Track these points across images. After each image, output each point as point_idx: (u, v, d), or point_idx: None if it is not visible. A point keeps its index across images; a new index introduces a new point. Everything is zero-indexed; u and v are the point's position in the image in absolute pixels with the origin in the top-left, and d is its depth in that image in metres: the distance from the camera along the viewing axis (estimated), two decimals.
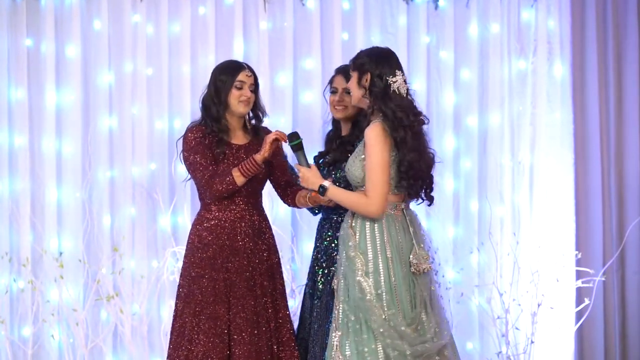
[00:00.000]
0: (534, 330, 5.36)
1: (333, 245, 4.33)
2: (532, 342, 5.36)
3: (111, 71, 5.38)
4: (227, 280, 4.20)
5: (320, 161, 4.48)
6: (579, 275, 5.45)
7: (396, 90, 3.92)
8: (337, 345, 3.92)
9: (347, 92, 4.29)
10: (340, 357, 3.91)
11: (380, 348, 3.87)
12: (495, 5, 5.51)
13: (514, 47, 5.53)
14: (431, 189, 4.06)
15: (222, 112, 4.22)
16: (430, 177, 4.03)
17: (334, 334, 3.96)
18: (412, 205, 4.12)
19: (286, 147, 4.25)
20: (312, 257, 4.47)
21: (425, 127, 4.00)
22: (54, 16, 5.33)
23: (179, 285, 4.31)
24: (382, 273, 3.90)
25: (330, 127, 4.58)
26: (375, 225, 3.94)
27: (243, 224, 4.25)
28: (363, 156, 3.93)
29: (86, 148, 5.34)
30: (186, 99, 5.38)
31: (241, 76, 4.21)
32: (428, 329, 3.93)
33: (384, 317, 3.85)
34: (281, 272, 4.39)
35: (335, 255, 4.27)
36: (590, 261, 5.50)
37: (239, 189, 4.19)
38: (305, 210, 4.73)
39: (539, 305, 5.35)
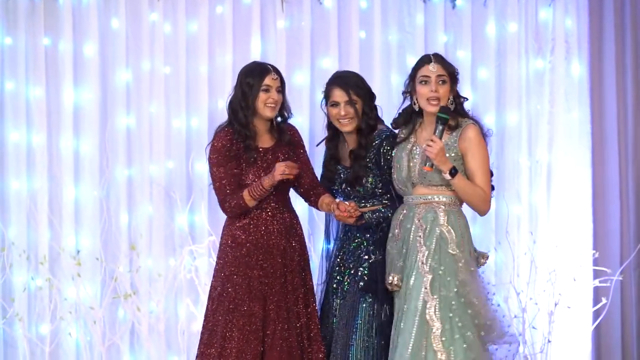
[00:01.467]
0: (551, 330, 5.36)
1: (362, 247, 4.34)
2: (549, 341, 5.36)
3: (129, 70, 5.39)
4: (262, 278, 4.23)
5: (342, 176, 4.40)
6: (596, 274, 5.45)
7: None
8: (441, 340, 3.94)
9: (352, 103, 4.26)
10: (443, 350, 3.94)
11: (481, 343, 3.98)
12: (512, 4, 5.50)
13: (532, 46, 5.53)
14: None
15: (250, 117, 4.22)
16: None
17: (430, 331, 3.97)
18: None
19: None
20: (336, 257, 4.45)
21: None
22: (72, 15, 5.33)
23: (211, 287, 4.33)
24: (477, 270, 4.07)
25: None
26: (464, 221, 4.12)
27: (275, 221, 4.27)
28: (459, 155, 4.04)
29: (104, 146, 5.34)
30: (203, 98, 5.38)
31: (267, 80, 4.21)
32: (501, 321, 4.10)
33: (486, 313, 3.99)
34: (310, 268, 4.41)
35: (364, 255, 4.28)
36: (608, 260, 5.49)
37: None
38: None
39: (556, 305, 5.35)
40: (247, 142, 4.22)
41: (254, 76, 4.22)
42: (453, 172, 3.98)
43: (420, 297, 3.99)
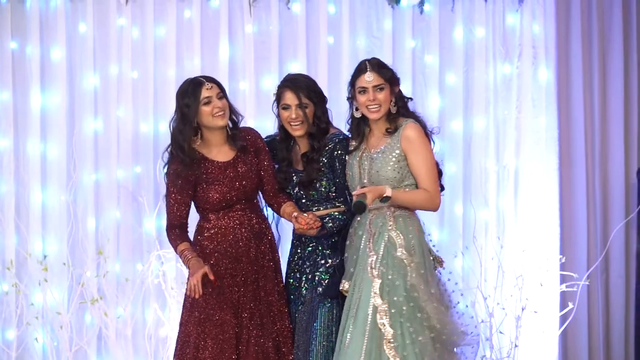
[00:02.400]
0: (518, 334, 5.37)
1: (317, 251, 4.34)
2: (516, 346, 5.37)
3: (96, 74, 5.39)
4: (232, 287, 4.22)
5: (294, 178, 4.39)
6: (563, 279, 5.46)
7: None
8: (392, 345, 3.94)
9: (303, 106, 4.26)
10: (397, 356, 3.94)
11: (434, 346, 3.99)
12: (480, 9, 5.51)
13: (499, 52, 5.54)
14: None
15: (188, 136, 4.13)
16: None
17: (381, 335, 3.97)
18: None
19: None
20: (290, 262, 4.45)
21: None
22: (39, 19, 5.33)
23: (185, 296, 4.31)
24: (428, 272, 4.05)
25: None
26: (416, 225, 4.11)
27: (243, 229, 4.26)
28: (402, 156, 4.05)
29: (71, 151, 5.33)
30: (171, 102, 5.23)
31: (204, 92, 4.13)
32: (459, 323, 4.13)
33: (438, 316, 3.98)
34: (281, 270, 4.41)
35: (320, 260, 4.29)
36: (574, 265, 5.51)
37: (235, 199, 4.23)
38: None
39: (523, 310, 5.36)
40: (191, 166, 4.15)
41: (188, 95, 4.13)
42: (384, 199, 3.99)
43: (370, 303, 3.99)
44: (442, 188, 4.22)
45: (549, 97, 5.54)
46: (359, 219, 4.19)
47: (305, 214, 4.17)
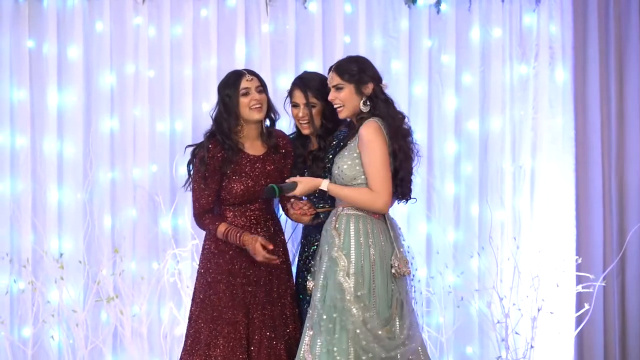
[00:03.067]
0: (533, 335, 5.36)
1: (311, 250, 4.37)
2: (531, 346, 5.36)
3: (113, 73, 5.39)
4: (245, 286, 4.24)
5: (305, 174, 4.42)
6: (579, 280, 5.45)
7: (387, 94, 4.09)
8: (308, 344, 3.97)
9: (311, 106, 4.31)
10: (310, 356, 3.95)
11: (352, 349, 3.91)
12: (497, 9, 5.50)
13: (516, 52, 5.53)
14: (410, 182, 4.18)
15: (233, 125, 4.23)
16: (411, 172, 4.17)
17: (306, 333, 4.02)
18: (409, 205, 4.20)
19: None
20: (299, 262, 4.49)
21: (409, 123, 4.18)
22: (56, 17, 5.33)
23: (194, 291, 4.36)
24: (364, 274, 3.97)
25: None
26: (360, 227, 4.02)
27: (259, 229, 4.29)
28: (356, 154, 4.01)
29: (87, 149, 5.34)
30: (188, 101, 5.38)
31: (243, 83, 4.24)
32: (401, 332, 4.00)
33: (361, 319, 3.90)
34: (292, 273, 4.44)
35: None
36: (591, 266, 5.49)
37: (256, 196, 4.25)
38: None
39: (539, 310, 5.35)
40: (232, 153, 4.22)
41: (229, 86, 4.25)
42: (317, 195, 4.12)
43: (312, 302, 4.04)
44: (409, 194, 4.17)
45: (566, 97, 5.53)
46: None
47: (301, 202, 4.23)
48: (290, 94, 4.43)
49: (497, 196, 5.49)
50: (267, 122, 4.42)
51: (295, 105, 4.40)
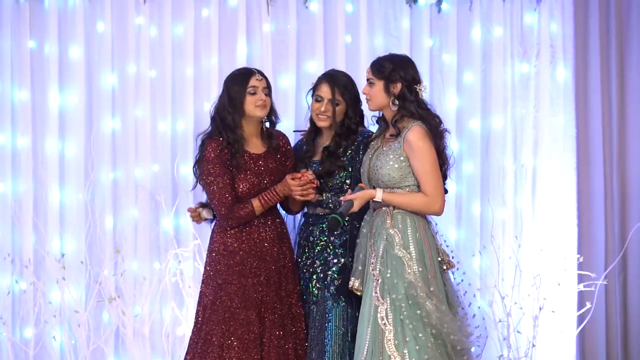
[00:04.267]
0: (535, 334, 5.36)
1: (328, 249, 4.35)
2: (533, 345, 5.36)
3: (114, 73, 5.39)
4: (256, 286, 4.23)
5: (313, 168, 4.44)
6: (580, 279, 5.45)
7: (422, 97, 4.10)
8: (393, 344, 3.94)
9: (334, 102, 4.33)
10: (397, 354, 3.94)
11: (434, 345, 3.94)
12: (498, 8, 5.50)
13: (517, 51, 5.53)
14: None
15: (238, 120, 4.24)
16: (446, 177, 4.21)
17: (384, 335, 3.97)
18: None
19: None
20: (300, 263, 4.46)
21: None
22: (57, 18, 5.33)
23: (201, 294, 4.35)
24: (428, 270, 4.01)
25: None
26: (416, 224, 4.07)
27: (267, 228, 4.29)
28: (403, 157, 4.04)
29: (89, 149, 5.34)
30: (189, 101, 5.38)
31: (253, 81, 4.25)
32: (467, 324, 4.12)
33: (438, 314, 3.95)
34: (297, 272, 4.43)
35: (332, 259, 4.30)
36: (592, 265, 5.50)
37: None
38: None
39: (540, 309, 5.35)
40: (236, 148, 4.21)
41: (238, 81, 4.25)
42: (375, 202, 4.10)
43: (372, 302, 4.02)
44: (446, 191, 4.20)
45: (567, 96, 5.53)
46: (366, 217, 4.22)
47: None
48: (316, 87, 4.43)
49: (498, 195, 5.50)
50: (267, 124, 4.43)
51: (318, 100, 4.39)
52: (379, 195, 4.08)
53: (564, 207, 5.51)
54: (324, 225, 4.36)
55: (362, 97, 4.37)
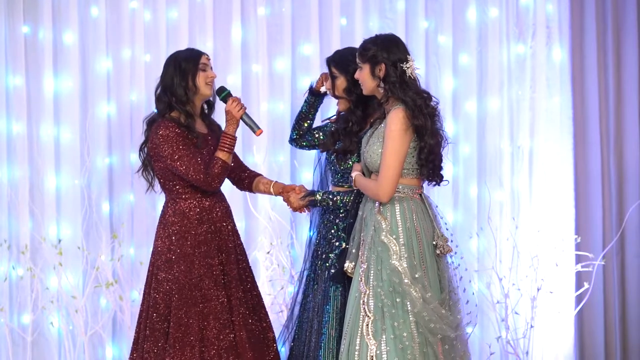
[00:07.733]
0: (533, 315, 5.36)
1: (332, 232, 4.32)
2: (531, 326, 5.36)
3: (109, 58, 5.37)
4: (221, 265, 4.19)
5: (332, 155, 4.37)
6: (578, 259, 5.45)
7: (410, 75, 3.93)
8: (371, 331, 3.86)
9: (332, 77, 4.29)
10: (374, 342, 3.87)
11: (417, 333, 3.86)
12: None
13: (513, 32, 5.52)
14: (441, 168, 4.06)
15: (190, 95, 4.17)
16: (441, 157, 4.04)
17: (364, 321, 3.90)
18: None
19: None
20: (314, 242, 4.43)
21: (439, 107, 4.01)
22: (52, 3, 5.32)
23: (158, 280, 4.18)
24: (415, 256, 3.90)
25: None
26: (405, 209, 3.94)
27: (218, 207, 4.26)
28: (382, 136, 3.93)
29: (84, 135, 5.33)
30: None
31: (203, 59, 4.21)
32: (457, 310, 3.98)
33: (421, 300, 3.84)
34: (244, 249, 4.39)
35: (335, 242, 4.27)
36: (590, 245, 5.50)
37: None
38: None
39: (538, 290, 5.35)
40: (191, 124, 4.14)
41: (189, 59, 4.19)
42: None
43: (357, 288, 3.94)
44: (441, 178, 4.06)
45: (563, 77, 5.52)
46: (363, 200, 4.12)
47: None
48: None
49: (495, 177, 5.49)
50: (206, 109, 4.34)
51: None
52: (353, 174, 4.06)
53: (561, 188, 5.50)
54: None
55: None
